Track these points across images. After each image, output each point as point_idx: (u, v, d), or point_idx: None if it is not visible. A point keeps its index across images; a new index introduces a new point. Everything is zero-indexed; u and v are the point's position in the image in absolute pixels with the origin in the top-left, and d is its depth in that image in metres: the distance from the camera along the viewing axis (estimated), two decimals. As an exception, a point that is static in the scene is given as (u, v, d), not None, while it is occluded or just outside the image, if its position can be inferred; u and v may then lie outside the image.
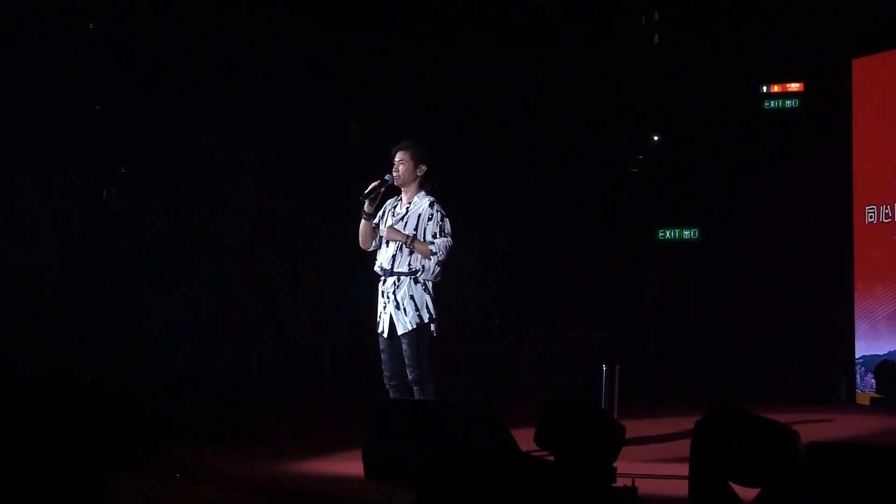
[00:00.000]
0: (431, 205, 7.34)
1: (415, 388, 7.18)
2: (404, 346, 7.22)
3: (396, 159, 7.43)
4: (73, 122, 11.89)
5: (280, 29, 12.71)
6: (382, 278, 7.37)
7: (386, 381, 7.33)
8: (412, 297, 7.23)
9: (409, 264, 7.27)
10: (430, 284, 7.28)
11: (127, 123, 12.27)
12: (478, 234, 12.64)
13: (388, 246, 7.36)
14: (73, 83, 11.81)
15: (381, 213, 7.47)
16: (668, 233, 13.91)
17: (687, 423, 5.34)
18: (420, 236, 7.27)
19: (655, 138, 14.29)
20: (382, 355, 7.34)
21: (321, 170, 13.00)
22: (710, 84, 13.32)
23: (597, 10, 13.81)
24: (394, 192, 7.53)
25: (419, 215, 7.33)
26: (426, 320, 7.22)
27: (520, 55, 13.51)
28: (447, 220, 7.32)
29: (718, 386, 12.08)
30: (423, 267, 7.25)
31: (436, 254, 7.22)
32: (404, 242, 7.26)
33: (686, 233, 13.85)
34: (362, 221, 7.43)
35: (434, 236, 7.26)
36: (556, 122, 13.60)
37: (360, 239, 7.47)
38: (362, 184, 7.43)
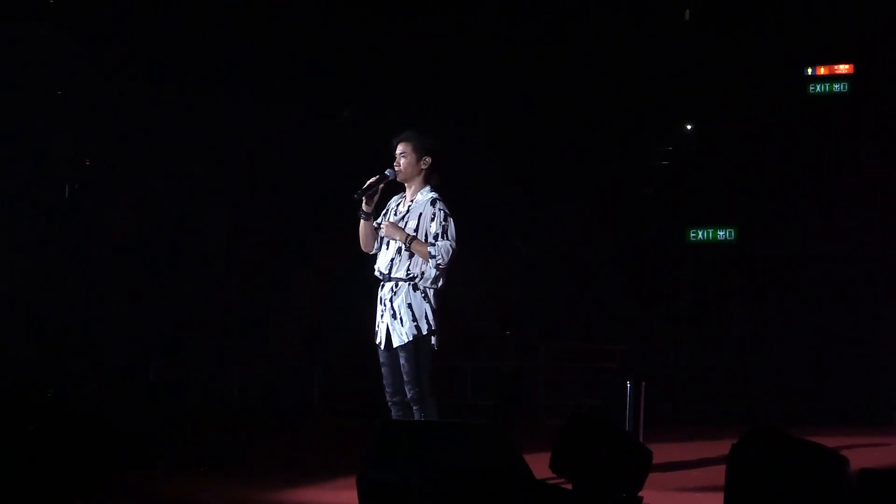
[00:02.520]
0: (433, 202, 7.29)
1: (414, 408, 7.14)
2: (402, 361, 7.19)
3: (397, 152, 7.40)
4: (31, 109, 11.88)
5: (271, 15, 12.72)
6: (381, 284, 7.36)
7: (388, 398, 7.30)
8: (409, 306, 7.20)
9: (409, 269, 7.25)
10: (430, 292, 7.24)
11: (92, 110, 12.27)
12: (487, 234, 12.63)
13: (387, 248, 7.35)
14: (31, 64, 11.81)
15: (384, 212, 7.45)
16: (700, 233, 13.90)
17: (722, 446, 5.34)
18: (421, 237, 7.24)
19: (688, 127, 14.29)
20: (383, 369, 7.31)
21: (314, 168, 13.00)
22: (747, 66, 13.31)
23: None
24: (399, 188, 7.51)
25: (420, 214, 7.30)
26: (425, 332, 7.19)
27: (537, 37, 13.50)
28: (451, 221, 7.26)
29: (757, 405, 12.05)
30: (423, 273, 7.22)
31: (435, 257, 7.18)
32: (403, 241, 7.24)
33: (721, 233, 13.84)
34: (361, 222, 7.41)
35: (436, 237, 7.22)
36: (575, 110, 13.59)
37: (360, 241, 7.46)
38: (359, 182, 7.40)
